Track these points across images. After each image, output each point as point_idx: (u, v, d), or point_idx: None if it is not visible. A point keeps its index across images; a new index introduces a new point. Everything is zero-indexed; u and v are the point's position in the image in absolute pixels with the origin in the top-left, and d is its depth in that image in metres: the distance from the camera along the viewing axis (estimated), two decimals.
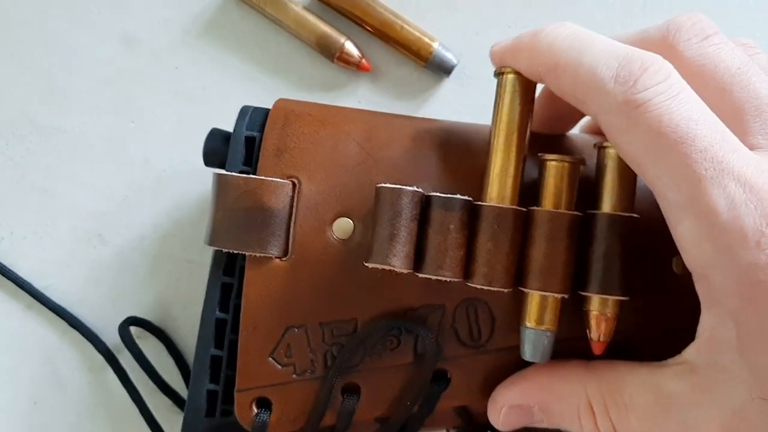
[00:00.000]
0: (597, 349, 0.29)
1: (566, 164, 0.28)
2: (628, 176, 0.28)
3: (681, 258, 0.25)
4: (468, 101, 0.38)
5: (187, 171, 0.39)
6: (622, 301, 0.28)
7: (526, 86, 0.29)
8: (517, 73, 0.28)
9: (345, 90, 0.39)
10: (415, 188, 0.28)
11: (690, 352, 0.26)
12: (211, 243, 0.31)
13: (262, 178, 0.31)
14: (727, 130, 0.24)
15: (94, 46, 0.40)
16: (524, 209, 0.28)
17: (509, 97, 0.29)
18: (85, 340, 0.38)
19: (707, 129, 0.24)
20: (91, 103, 0.40)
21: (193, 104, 0.40)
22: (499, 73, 0.29)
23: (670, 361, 0.27)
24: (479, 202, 0.29)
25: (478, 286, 0.28)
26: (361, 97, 0.39)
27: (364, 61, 0.38)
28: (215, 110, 0.39)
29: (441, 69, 0.37)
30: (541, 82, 0.28)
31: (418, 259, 0.29)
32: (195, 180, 0.39)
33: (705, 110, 0.24)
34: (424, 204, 0.29)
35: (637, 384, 0.27)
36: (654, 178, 0.25)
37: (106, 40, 0.40)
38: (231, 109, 0.33)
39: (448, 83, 0.38)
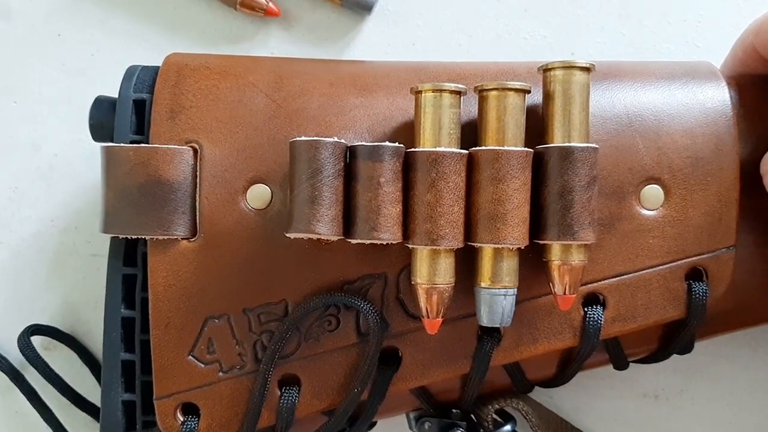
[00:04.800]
0: (563, 304, 0.25)
1: (507, 92, 0.24)
2: (580, 101, 0.24)
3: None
4: (395, 40, 0.33)
5: (83, 154, 0.34)
6: (587, 246, 0.24)
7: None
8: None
9: (254, 41, 0.34)
10: (335, 139, 0.24)
11: None
12: (105, 230, 0.27)
13: (156, 146, 0.26)
14: None
15: None
16: (465, 151, 0.24)
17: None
18: None
19: None
20: None
21: (83, 76, 0.34)
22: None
23: None
24: (413, 149, 0.24)
25: (421, 247, 0.24)
26: (273, 48, 0.34)
27: (271, 5, 0.33)
28: (109, 80, 0.33)
29: (359, 6, 0.32)
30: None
31: (347, 223, 0.24)
32: (93, 163, 0.34)
33: None
34: (349, 157, 0.24)
35: None
36: None
37: None
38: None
39: (370, 22, 0.34)
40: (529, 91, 0.25)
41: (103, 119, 0.28)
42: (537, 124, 0.25)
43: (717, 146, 0.27)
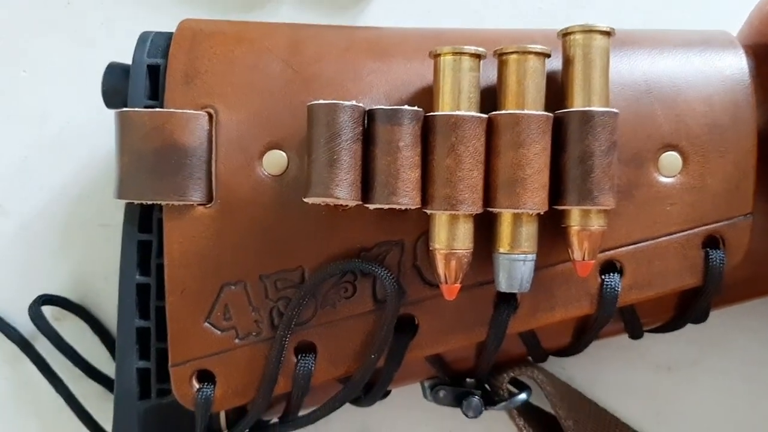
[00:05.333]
0: (582, 271, 0.25)
1: (528, 56, 0.24)
2: (600, 66, 0.24)
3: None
4: (410, 8, 0.33)
5: (93, 122, 0.33)
6: (606, 212, 0.24)
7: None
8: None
9: (265, 9, 0.34)
10: (354, 102, 0.24)
11: None
12: (119, 195, 0.26)
13: (171, 110, 0.26)
14: None
15: None
16: (484, 115, 0.24)
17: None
18: None
19: None
20: None
21: (93, 44, 0.34)
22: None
23: None
24: (432, 113, 0.24)
25: (440, 212, 0.24)
26: (284, 16, 0.34)
27: None
28: (120, 48, 0.33)
29: None
30: None
31: (365, 188, 0.24)
32: (102, 132, 0.33)
33: None
34: (368, 121, 0.24)
35: None
36: None
37: None
38: None
39: None
40: (549, 55, 0.24)
41: (116, 85, 0.28)
42: (557, 89, 0.25)
43: (735, 114, 0.26)
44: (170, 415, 0.28)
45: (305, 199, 0.24)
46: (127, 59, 0.29)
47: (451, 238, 0.24)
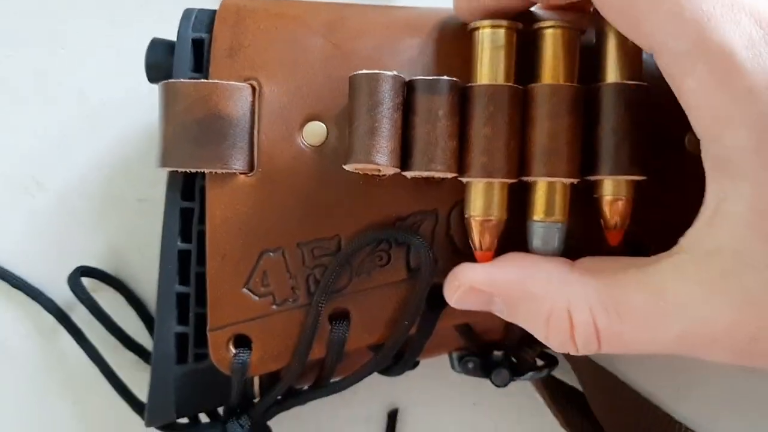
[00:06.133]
0: (613, 239, 0.25)
1: (563, 30, 0.25)
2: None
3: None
4: None
5: (129, 100, 0.34)
6: (636, 183, 0.25)
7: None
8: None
9: None
10: (395, 73, 0.25)
11: (689, 238, 0.23)
12: (163, 164, 0.27)
13: (216, 81, 0.27)
14: None
15: None
16: (520, 87, 0.25)
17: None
18: (31, 301, 0.33)
19: None
20: (13, 32, 0.35)
21: (131, 24, 0.35)
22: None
23: (666, 254, 0.23)
24: (470, 84, 0.25)
25: (476, 180, 0.25)
26: None
27: None
28: (156, 29, 0.34)
29: None
30: None
31: (404, 157, 0.25)
32: (139, 109, 0.34)
33: None
34: (407, 92, 0.25)
35: (632, 286, 0.23)
36: (653, 30, 0.22)
37: None
38: (175, 26, 0.29)
39: None
40: (584, 31, 0.25)
41: (159, 60, 0.29)
42: (591, 63, 0.26)
43: None
44: (206, 379, 0.28)
45: (345, 167, 0.25)
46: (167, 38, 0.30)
47: (486, 206, 0.25)
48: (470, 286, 0.25)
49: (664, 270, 0.22)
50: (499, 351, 0.30)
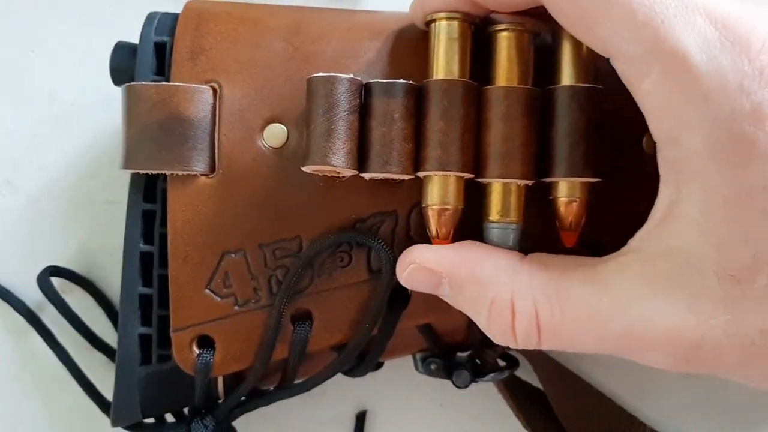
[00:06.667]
0: (568, 240, 0.26)
1: (518, 32, 0.25)
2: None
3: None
4: None
5: (100, 101, 0.35)
6: (591, 184, 0.25)
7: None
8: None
9: None
10: (351, 75, 0.25)
11: (639, 239, 0.23)
12: (125, 165, 0.27)
13: (177, 84, 0.27)
14: None
15: None
16: (475, 83, 0.25)
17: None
18: (1, 302, 0.34)
19: None
20: None
21: (100, 25, 0.35)
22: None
23: (616, 253, 0.23)
24: (426, 80, 0.25)
25: (432, 175, 0.25)
26: (288, 1, 0.35)
27: None
28: (125, 30, 0.34)
29: None
30: None
31: (361, 159, 0.25)
32: (110, 111, 0.34)
33: None
34: (364, 95, 0.25)
35: (577, 281, 0.23)
36: (607, 35, 0.21)
37: None
38: None
39: None
40: (539, 33, 0.25)
41: (124, 63, 0.29)
42: (545, 65, 0.26)
43: None
44: (171, 380, 0.29)
45: (303, 168, 0.25)
46: (133, 41, 0.30)
47: (442, 196, 0.25)
48: (420, 264, 0.25)
49: (611, 268, 0.23)
50: (464, 352, 0.31)
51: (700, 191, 0.21)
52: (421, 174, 0.25)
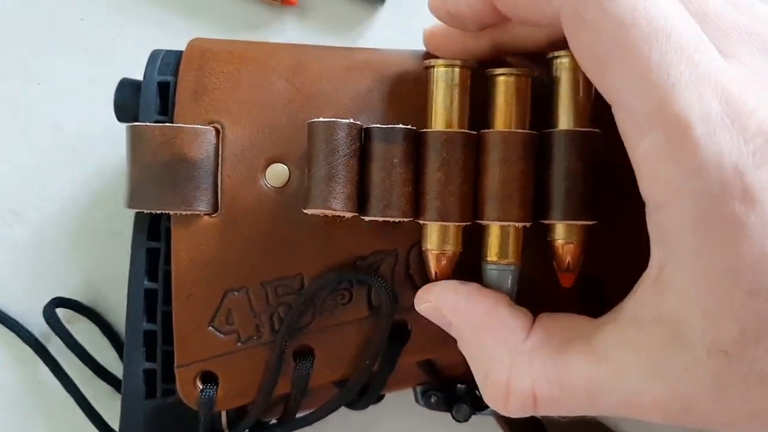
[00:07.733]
0: (566, 281, 0.26)
1: (515, 77, 0.25)
2: (585, 88, 0.25)
3: None
4: (407, 28, 0.35)
5: (104, 134, 0.35)
6: (588, 226, 0.26)
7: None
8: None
9: (271, 29, 0.35)
10: (351, 120, 0.25)
11: (633, 303, 0.23)
12: (130, 204, 0.28)
13: (180, 125, 0.27)
14: (703, 33, 0.21)
15: None
16: (474, 132, 0.25)
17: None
18: (8, 332, 0.34)
19: (685, 26, 0.21)
20: None
21: (105, 59, 0.36)
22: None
23: (612, 317, 0.23)
24: (424, 130, 0.26)
25: (431, 223, 0.26)
26: (289, 36, 0.35)
27: None
28: (130, 63, 0.34)
29: None
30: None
31: (361, 201, 0.26)
32: (113, 143, 0.35)
33: (681, 8, 0.21)
34: (364, 138, 0.26)
35: (576, 356, 0.23)
36: (618, 84, 0.21)
37: None
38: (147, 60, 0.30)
39: (384, 13, 0.35)
40: (536, 76, 0.26)
41: (127, 101, 0.30)
42: (543, 108, 0.26)
43: None
44: (174, 414, 0.29)
45: (305, 211, 0.26)
46: (137, 74, 0.30)
47: (441, 241, 0.26)
48: (436, 306, 0.26)
49: (607, 336, 0.23)
50: (463, 384, 0.31)
51: (688, 261, 0.21)
52: (420, 221, 0.26)
